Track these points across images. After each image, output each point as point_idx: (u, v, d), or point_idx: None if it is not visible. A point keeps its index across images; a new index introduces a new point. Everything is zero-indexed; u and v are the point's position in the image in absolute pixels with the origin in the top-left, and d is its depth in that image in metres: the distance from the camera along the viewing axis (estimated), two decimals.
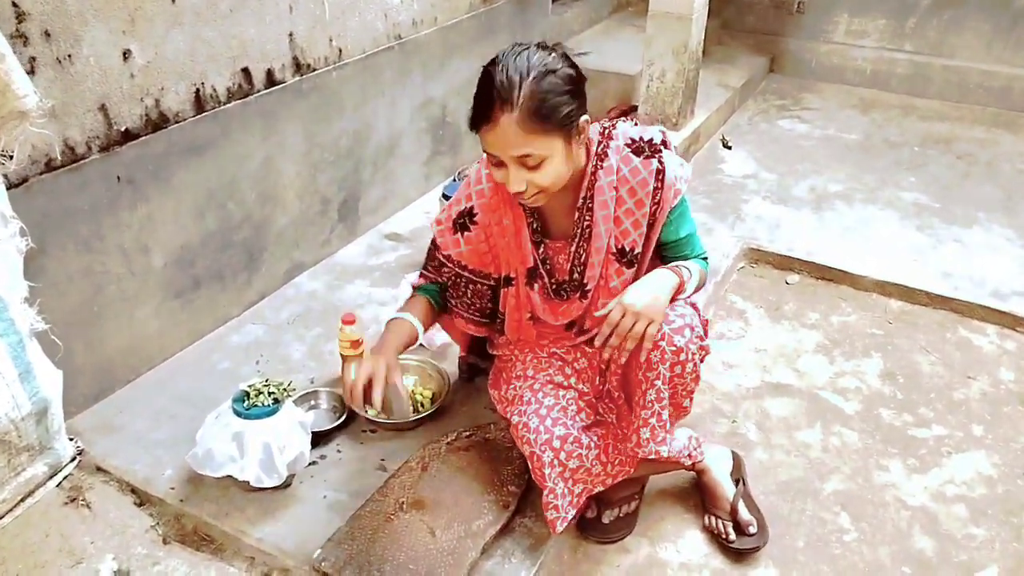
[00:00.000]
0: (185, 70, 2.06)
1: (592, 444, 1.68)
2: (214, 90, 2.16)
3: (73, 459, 1.92)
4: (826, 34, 4.57)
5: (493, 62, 1.53)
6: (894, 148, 3.83)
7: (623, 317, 1.57)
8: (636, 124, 1.74)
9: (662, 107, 3.44)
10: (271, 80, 2.34)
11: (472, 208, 1.78)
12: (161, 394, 2.15)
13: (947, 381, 2.44)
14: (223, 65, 2.17)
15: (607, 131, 1.70)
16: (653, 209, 1.68)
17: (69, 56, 1.77)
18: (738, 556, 1.85)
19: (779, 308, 2.77)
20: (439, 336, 2.29)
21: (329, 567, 1.64)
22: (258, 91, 2.30)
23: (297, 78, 2.42)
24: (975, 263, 2.91)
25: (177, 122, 2.08)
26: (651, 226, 1.70)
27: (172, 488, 1.87)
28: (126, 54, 1.90)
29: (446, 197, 2.56)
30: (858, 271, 2.86)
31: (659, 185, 1.66)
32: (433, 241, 1.86)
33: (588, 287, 1.77)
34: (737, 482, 1.91)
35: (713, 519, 1.87)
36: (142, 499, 1.88)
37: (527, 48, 1.53)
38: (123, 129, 1.94)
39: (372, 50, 2.70)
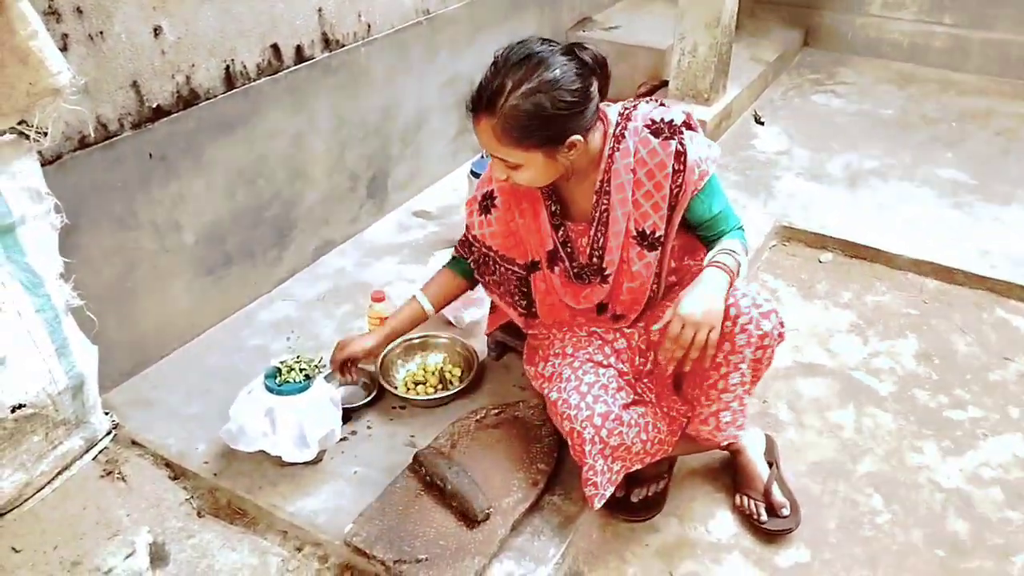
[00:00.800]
0: (215, 46, 2.06)
1: (632, 422, 1.67)
2: (244, 66, 2.16)
3: (108, 433, 1.95)
4: (862, 6, 4.45)
5: (507, 48, 1.51)
6: (931, 124, 3.74)
7: (683, 329, 1.52)
8: (661, 105, 1.70)
9: (693, 82, 3.38)
10: (300, 56, 2.33)
11: (492, 192, 1.80)
12: (193, 370, 2.17)
13: (983, 362, 2.39)
14: (253, 41, 2.16)
15: (627, 112, 1.67)
16: (674, 191, 1.64)
17: (101, 33, 1.78)
18: (769, 537, 1.84)
19: (812, 287, 2.73)
20: (468, 313, 2.29)
21: (360, 542, 1.65)
22: (287, 67, 2.30)
23: (326, 54, 2.41)
24: (1013, 241, 2.84)
25: (208, 99, 2.08)
26: (673, 208, 1.66)
27: (206, 462, 1.90)
28: (157, 30, 1.90)
29: (474, 174, 2.55)
30: (893, 249, 2.81)
31: (680, 167, 1.63)
32: (468, 229, 1.90)
33: (608, 272, 1.74)
34: (770, 464, 1.90)
35: (746, 499, 1.86)
36: (176, 473, 1.91)
37: (542, 50, 1.49)
38: (155, 106, 1.95)
39: (400, 25, 2.68)
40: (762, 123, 3.71)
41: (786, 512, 1.83)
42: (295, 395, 1.79)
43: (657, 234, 1.69)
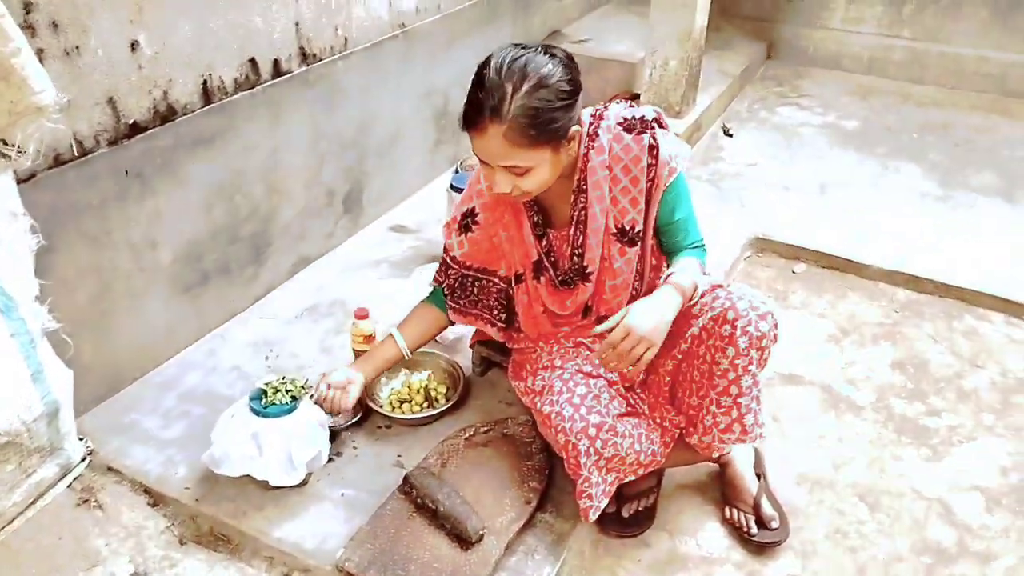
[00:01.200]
0: (193, 61, 2.02)
1: (626, 432, 1.67)
2: (221, 81, 2.12)
3: (83, 459, 1.89)
4: (823, 20, 4.55)
5: (487, 62, 1.52)
6: (893, 135, 3.83)
7: (625, 339, 1.53)
8: (632, 105, 1.74)
9: (665, 95, 3.41)
10: (278, 70, 2.29)
11: (474, 209, 1.80)
12: (170, 392, 2.11)
13: (956, 370, 2.45)
14: (230, 55, 2.12)
15: (599, 112, 1.70)
16: (649, 186, 1.67)
17: (77, 47, 1.73)
18: (759, 549, 1.85)
19: (787, 297, 2.76)
20: (452, 329, 2.26)
21: (353, 567, 1.62)
22: (265, 81, 2.26)
23: (303, 68, 2.38)
24: (979, 251, 2.92)
25: (185, 114, 2.04)
26: (649, 203, 1.69)
27: (187, 488, 1.84)
28: (134, 45, 1.85)
29: (455, 189, 2.53)
30: (864, 260, 2.87)
31: (653, 161, 1.66)
32: (444, 245, 1.90)
33: (589, 270, 1.76)
34: (758, 476, 1.91)
35: (735, 512, 1.87)
36: (156, 499, 1.85)
37: (525, 52, 1.50)
38: (131, 122, 1.90)
39: (377, 39, 2.66)
40: (731, 135, 3.76)
41: (775, 525, 1.84)
42: (282, 417, 1.75)
43: (636, 229, 1.71)
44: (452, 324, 1.98)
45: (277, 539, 1.74)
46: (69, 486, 1.84)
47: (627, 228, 1.71)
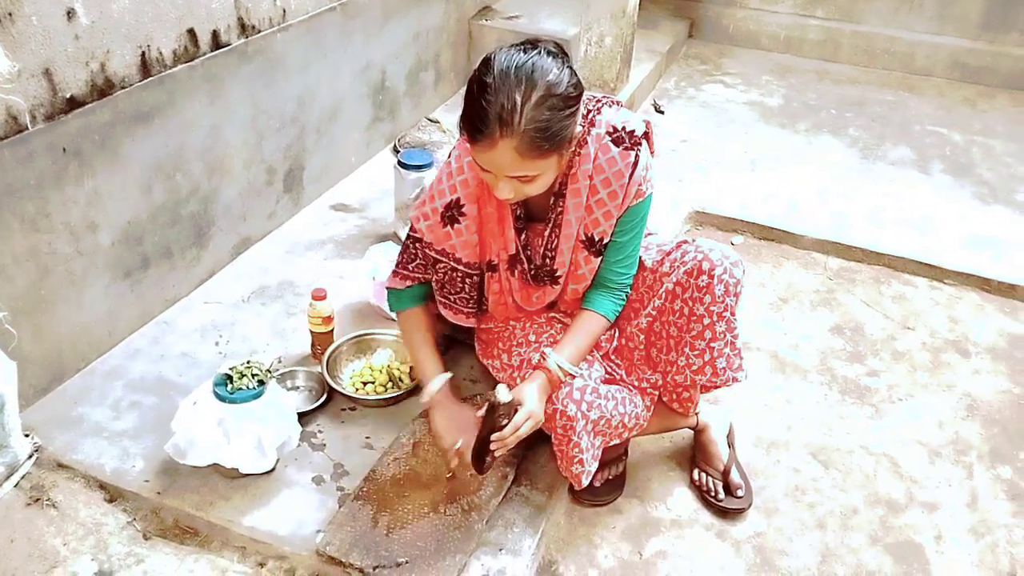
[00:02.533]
0: (130, 31, 1.90)
1: (610, 395, 1.69)
2: (160, 53, 2.01)
3: (30, 456, 1.77)
4: (742, 0, 4.67)
5: (488, 67, 1.44)
6: (813, 111, 3.98)
7: (525, 422, 1.59)
8: (621, 106, 1.69)
9: (600, 72, 3.44)
10: (216, 42, 2.19)
11: (459, 199, 1.70)
12: (116, 381, 2.01)
13: (889, 333, 2.58)
14: (169, 25, 2.01)
15: (590, 117, 1.64)
16: (625, 203, 1.67)
17: (10, 15, 1.60)
18: (724, 514, 1.90)
19: None
20: None
21: (335, 551, 1.59)
22: (203, 54, 2.15)
23: (242, 40, 2.28)
24: (901, 220, 3.08)
25: (123, 88, 1.92)
26: (620, 219, 1.69)
27: (146, 481, 1.76)
28: (70, 13, 1.73)
29: (403, 166, 2.49)
30: (797, 231, 2.98)
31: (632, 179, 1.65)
32: (416, 239, 1.78)
33: (559, 273, 1.75)
34: (730, 446, 1.97)
35: (704, 475, 1.92)
36: (112, 495, 1.76)
37: (528, 56, 1.43)
38: (68, 96, 1.78)
39: (315, 11, 2.57)
40: (662, 112, 3.83)
41: (741, 493, 1.90)
42: (249, 402, 1.69)
43: (604, 240, 1.70)
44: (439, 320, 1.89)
45: (249, 528, 1.68)
46: (17, 485, 1.72)
47: (596, 239, 1.70)
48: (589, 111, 1.65)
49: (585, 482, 1.70)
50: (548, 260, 1.74)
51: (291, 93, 2.56)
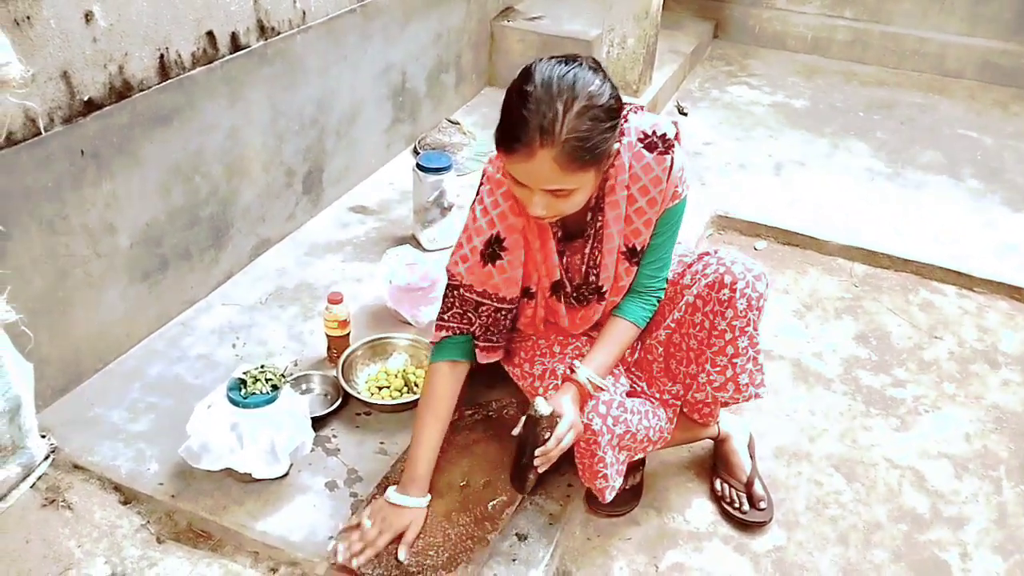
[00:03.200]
0: (149, 33, 1.90)
1: (635, 409, 1.66)
2: (179, 55, 2.01)
3: (47, 457, 1.78)
4: (768, 0, 4.61)
5: (528, 77, 1.39)
6: (841, 113, 3.92)
7: (568, 432, 1.56)
8: (644, 112, 1.64)
9: (623, 74, 3.40)
10: (236, 44, 2.19)
11: (499, 234, 1.62)
12: (133, 383, 2.01)
13: (916, 342, 2.52)
14: (187, 28, 2.01)
15: (620, 127, 1.56)
16: (663, 206, 1.62)
17: (28, 18, 1.60)
18: (745, 527, 1.87)
19: None
20: (424, 312, 2.22)
21: (346, 559, 1.57)
22: (223, 56, 2.15)
23: (262, 42, 2.28)
24: (929, 226, 3.01)
25: (142, 90, 1.92)
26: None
27: (160, 484, 1.76)
28: (88, 16, 1.73)
29: (422, 168, 2.48)
30: (822, 236, 2.92)
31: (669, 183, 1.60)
32: (454, 287, 1.68)
33: (604, 289, 1.70)
34: (751, 457, 1.93)
35: (726, 487, 1.89)
36: (127, 497, 1.76)
37: (570, 67, 1.39)
38: (86, 99, 1.78)
39: (335, 13, 2.56)
40: (685, 114, 3.78)
41: (764, 505, 1.86)
42: (263, 407, 1.68)
43: (644, 248, 1.66)
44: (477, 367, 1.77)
45: (261, 533, 1.68)
46: (33, 486, 1.73)
47: (637, 248, 1.65)
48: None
49: (610, 497, 1.67)
50: (592, 277, 1.69)
51: (311, 95, 2.55)
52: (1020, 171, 3.47)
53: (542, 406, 1.54)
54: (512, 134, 1.39)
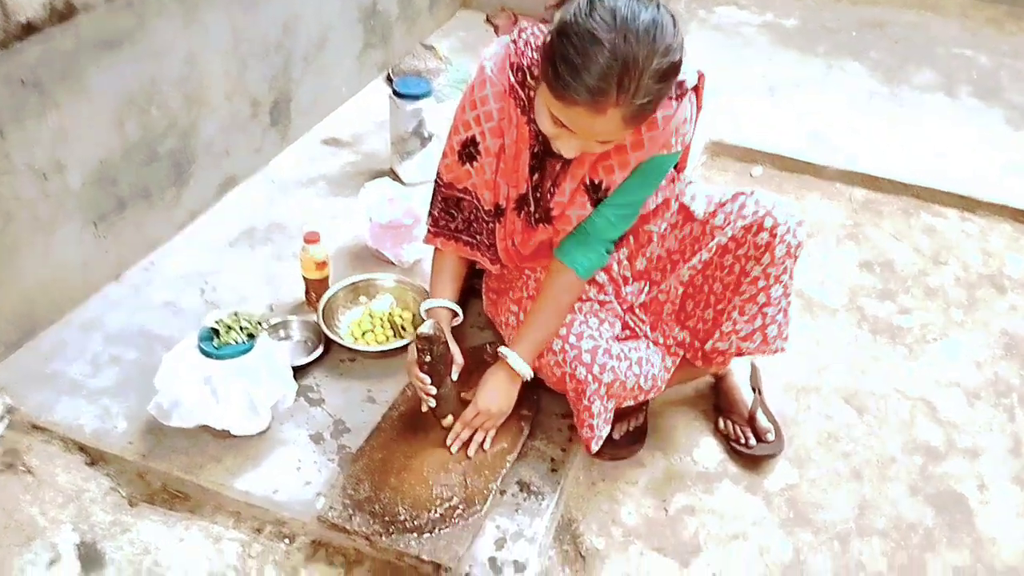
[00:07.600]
0: None
1: (623, 355, 1.54)
2: None
3: (2, 418, 1.63)
4: None
5: (592, 10, 1.19)
6: (832, 33, 3.74)
7: (475, 417, 1.57)
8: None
9: None
10: None
11: (474, 137, 1.52)
12: (94, 334, 1.86)
13: (920, 268, 2.42)
14: None
15: None
16: (651, 152, 1.46)
17: None
18: (753, 462, 1.78)
19: None
20: (407, 251, 2.07)
21: (337, 516, 1.46)
22: None
23: None
24: (929, 148, 2.89)
25: (86, 11, 1.71)
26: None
27: (130, 443, 1.62)
28: None
29: (398, 95, 2.30)
30: (820, 161, 2.79)
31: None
32: (440, 184, 1.64)
33: (554, 212, 1.55)
34: (754, 390, 1.84)
35: (730, 424, 1.80)
36: (94, 458, 1.63)
37: (651, 13, 1.20)
38: (24, 21, 1.58)
39: None
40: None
41: (771, 437, 1.77)
42: (238, 358, 1.53)
43: (609, 192, 1.50)
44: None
45: (243, 492, 1.55)
46: None
47: (601, 185, 1.49)
48: None
49: (596, 447, 1.58)
50: (548, 196, 1.54)
51: (274, 16, 2.34)
52: (1018, 89, 3.34)
53: (426, 327, 1.47)
54: (584, 84, 1.20)
